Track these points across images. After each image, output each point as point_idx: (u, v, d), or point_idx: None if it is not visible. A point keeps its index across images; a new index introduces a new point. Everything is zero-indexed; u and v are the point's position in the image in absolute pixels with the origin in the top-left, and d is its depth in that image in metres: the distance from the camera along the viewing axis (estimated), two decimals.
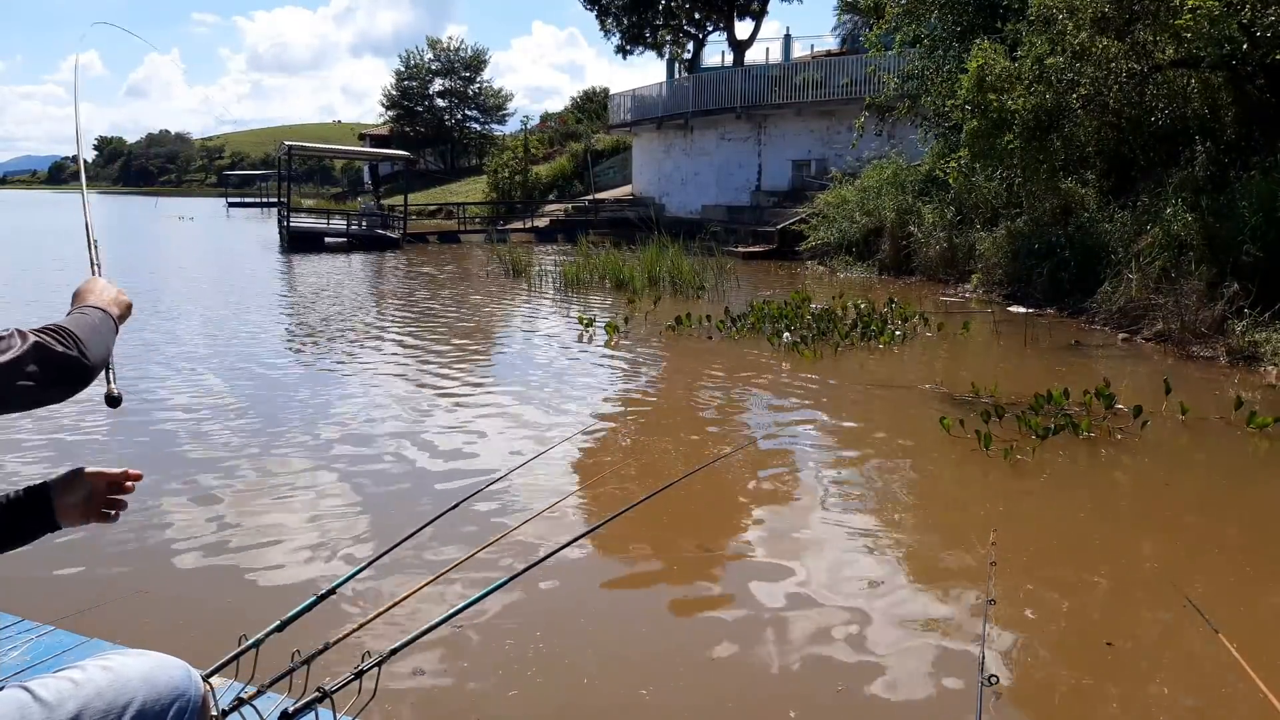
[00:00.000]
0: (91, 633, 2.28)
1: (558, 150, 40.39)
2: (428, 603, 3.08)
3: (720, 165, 25.26)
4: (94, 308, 1.40)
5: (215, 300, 12.88)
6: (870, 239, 16.13)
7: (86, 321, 1.34)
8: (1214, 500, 4.80)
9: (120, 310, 1.45)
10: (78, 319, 1.34)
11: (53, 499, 1.42)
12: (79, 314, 1.37)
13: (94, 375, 1.31)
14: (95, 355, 1.30)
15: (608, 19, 32.96)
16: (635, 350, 8.77)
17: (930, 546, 4.10)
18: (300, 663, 1.73)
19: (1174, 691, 2.88)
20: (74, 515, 1.44)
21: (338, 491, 4.58)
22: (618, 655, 3.08)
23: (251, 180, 75.78)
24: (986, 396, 6.31)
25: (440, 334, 9.94)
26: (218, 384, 7.15)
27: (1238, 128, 10.42)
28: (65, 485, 1.43)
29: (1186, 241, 9.08)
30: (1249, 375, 7.36)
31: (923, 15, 14.88)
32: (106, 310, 1.41)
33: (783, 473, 5.08)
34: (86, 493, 1.45)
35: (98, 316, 1.38)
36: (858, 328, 9.07)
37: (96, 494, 1.46)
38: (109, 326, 1.39)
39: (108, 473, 1.47)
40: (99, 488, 1.46)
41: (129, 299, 1.51)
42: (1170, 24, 9.33)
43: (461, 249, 24.47)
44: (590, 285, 14.08)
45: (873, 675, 2.88)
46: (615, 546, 3.88)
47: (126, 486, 1.49)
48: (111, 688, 1.21)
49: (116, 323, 1.43)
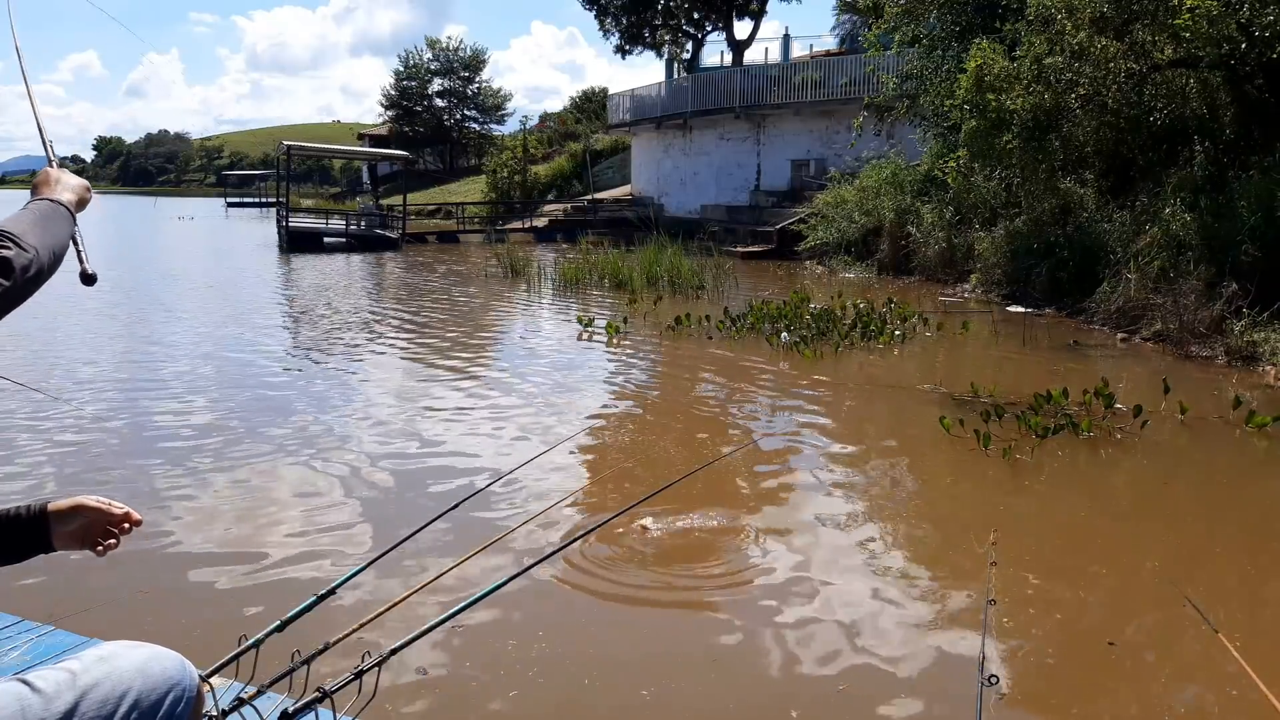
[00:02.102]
0: (91, 633, 2.28)
1: (557, 150, 40.40)
2: (428, 603, 3.08)
3: (719, 165, 25.26)
4: (42, 199, 1.43)
5: (214, 299, 12.87)
6: (869, 239, 16.13)
7: (27, 216, 1.36)
8: (1213, 500, 4.80)
9: (74, 195, 1.49)
10: (18, 216, 1.36)
11: (50, 524, 1.42)
12: (21, 211, 1.39)
13: (45, 266, 1.32)
14: (43, 246, 1.31)
15: (607, 19, 32.97)
16: (635, 350, 8.77)
17: (930, 546, 4.09)
18: (300, 663, 1.73)
19: (1173, 691, 2.88)
20: (68, 541, 1.44)
21: (338, 491, 4.58)
22: (618, 655, 3.08)
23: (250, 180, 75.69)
24: (986, 396, 6.31)
25: (439, 334, 9.94)
26: (216, 383, 7.14)
27: (1236, 127, 10.43)
28: (64, 514, 1.43)
29: (1185, 241, 9.08)
30: (1248, 375, 7.37)
31: (921, 15, 14.88)
32: (55, 200, 1.44)
33: (782, 473, 5.08)
34: (85, 523, 1.45)
35: (44, 207, 1.41)
36: (857, 328, 9.07)
37: (94, 526, 1.46)
38: (59, 214, 1.42)
39: (109, 512, 1.46)
40: (97, 521, 1.46)
41: (83, 181, 1.55)
42: (1169, 24, 9.34)
43: (460, 249, 24.46)
44: (589, 285, 14.08)
45: (873, 675, 2.88)
46: (615, 546, 3.88)
47: (123, 528, 1.48)
48: (108, 679, 1.22)
49: (70, 209, 1.46)
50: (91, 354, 8.47)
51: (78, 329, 9.79)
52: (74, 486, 4.50)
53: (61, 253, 1.39)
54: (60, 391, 6.67)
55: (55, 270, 1.36)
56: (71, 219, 1.46)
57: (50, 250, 1.34)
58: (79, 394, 6.66)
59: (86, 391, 6.77)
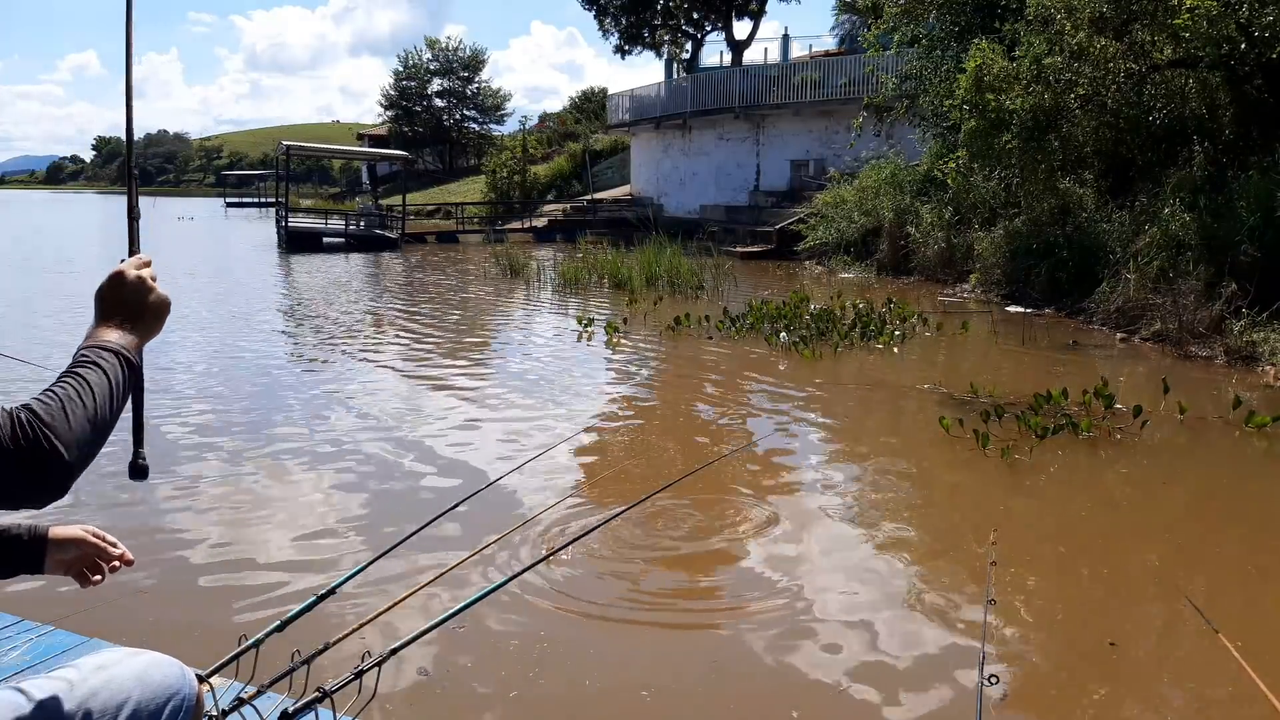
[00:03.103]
0: (91, 633, 2.27)
1: (556, 150, 40.39)
2: (428, 603, 3.08)
3: (718, 165, 25.26)
4: (106, 347, 1.15)
5: (213, 299, 12.86)
6: (868, 239, 16.13)
7: (77, 388, 1.07)
8: (1213, 500, 4.80)
9: (149, 329, 1.23)
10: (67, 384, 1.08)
11: (47, 550, 1.43)
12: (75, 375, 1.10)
13: (75, 461, 1.03)
14: (78, 432, 1.03)
15: (606, 19, 32.97)
16: (635, 350, 8.77)
17: (930, 546, 4.09)
18: (300, 663, 1.73)
19: (1173, 691, 2.89)
20: (58, 568, 1.46)
21: (338, 491, 4.58)
22: (619, 656, 3.08)
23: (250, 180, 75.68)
24: (985, 396, 6.31)
25: (439, 334, 9.94)
26: (216, 384, 7.14)
27: (1236, 127, 10.44)
28: (63, 543, 1.45)
29: (1184, 241, 9.08)
30: (1247, 375, 7.37)
31: (921, 15, 14.88)
32: (119, 350, 1.15)
33: (782, 473, 5.08)
34: (80, 554, 1.46)
35: (108, 372, 1.12)
36: (856, 328, 9.07)
37: (86, 559, 1.47)
38: (121, 380, 1.13)
39: (106, 549, 1.48)
40: (90, 554, 1.47)
41: (165, 296, 1.26)
42: (1168, 24, 9.34)
43: (460, 249, 24.45)
44: (589, 285, 14.08)
45: (874, 675, 2.88)
46: (615, 546, 3.88)
47: (113, 565, 1.49)
48: (106, 688, 1.21)
49: (134, 358, 1.17)
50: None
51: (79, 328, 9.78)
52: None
53: (106, 435, 1.09)
54: None
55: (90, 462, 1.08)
56: (135, 377, 1.18)
57: (93, 444, 1.06)
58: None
59: None
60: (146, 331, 1.23)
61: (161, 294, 1.26)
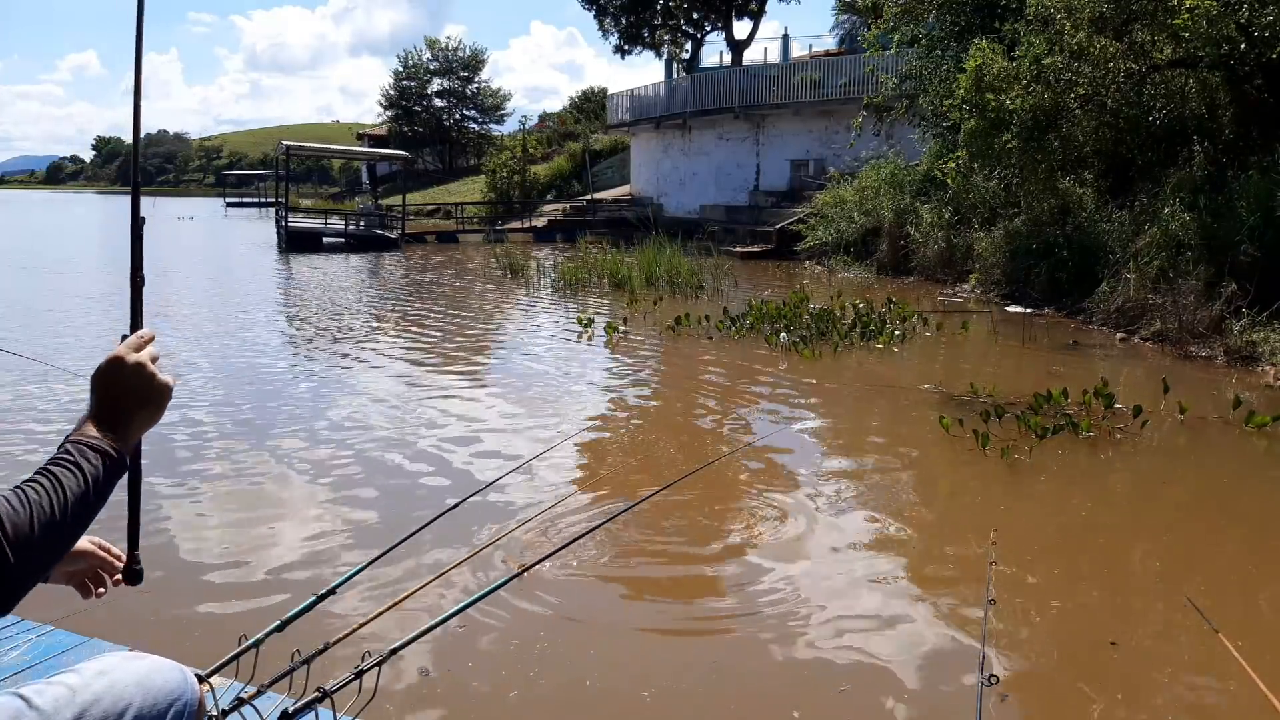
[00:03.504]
0: (91, 633, 2.27)
1: (556, 150, 40.40)
2: (428, 602, 3.08)
3: (718, 165, 25.26)
4: (87, 445, 1.07)
5: (213, 300, 12.86)
6: (868, 239, 16.13)
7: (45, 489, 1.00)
8: (1213, 499, 4.80)
9: (146, 420, 1.16)
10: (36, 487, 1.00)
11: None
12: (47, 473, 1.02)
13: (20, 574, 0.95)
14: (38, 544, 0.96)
15: (606, 19, 32.96)
16: (635, 350, 8.77)
17: (930, 546, 4.09)
18: (300, 663, 1.73)
19: (1173, 691, 2.88)
20: (63, 578, 1.47)
21: (337, 491, 4.58)
22: (619, 656, 3.08)
23: (249, 180, 75.68)
24: (985, 396, 6.31)
25: (439, 334, 9.94)
26: (216, 384, 7.14)
27: (1235, 127, 10.44)
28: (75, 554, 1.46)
29: (1184, 241, 9.09)
30: (1247, 375, 7.37)
31: (920, 15, 14.88)
32: (106, 450, 1.08)
33: (782, 473, 5.08)
34: (86, 566, 1.48)
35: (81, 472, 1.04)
36: (856, 328, 9.07)
37: (90, 571, 1.49)
38: (96, 477, 1.05)
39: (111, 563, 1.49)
40: (95, 567, 1.49)
41: (169, 380, 1.19)
42: (1168, 24, 9.34)
43: (459, 249, 24.45)
44: (589, 285, 14.08)
45: (874, 675, 2.88)
46: (615, 546, 3.88)
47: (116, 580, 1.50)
48: (108, 694, 1.20)
49: (123, 454, 1.11)
50: (90, 353, 8.46)
51: (76, 325, 9.79)
52: None
53: (68, 544, 1.03)
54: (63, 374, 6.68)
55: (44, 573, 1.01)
56: (127, 472, 1.12)
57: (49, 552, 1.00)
58: (76, 394, 6.66)
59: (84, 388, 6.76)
60: (145, 422, 1.17)
61: (163, 380, 1.19)
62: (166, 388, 1.18)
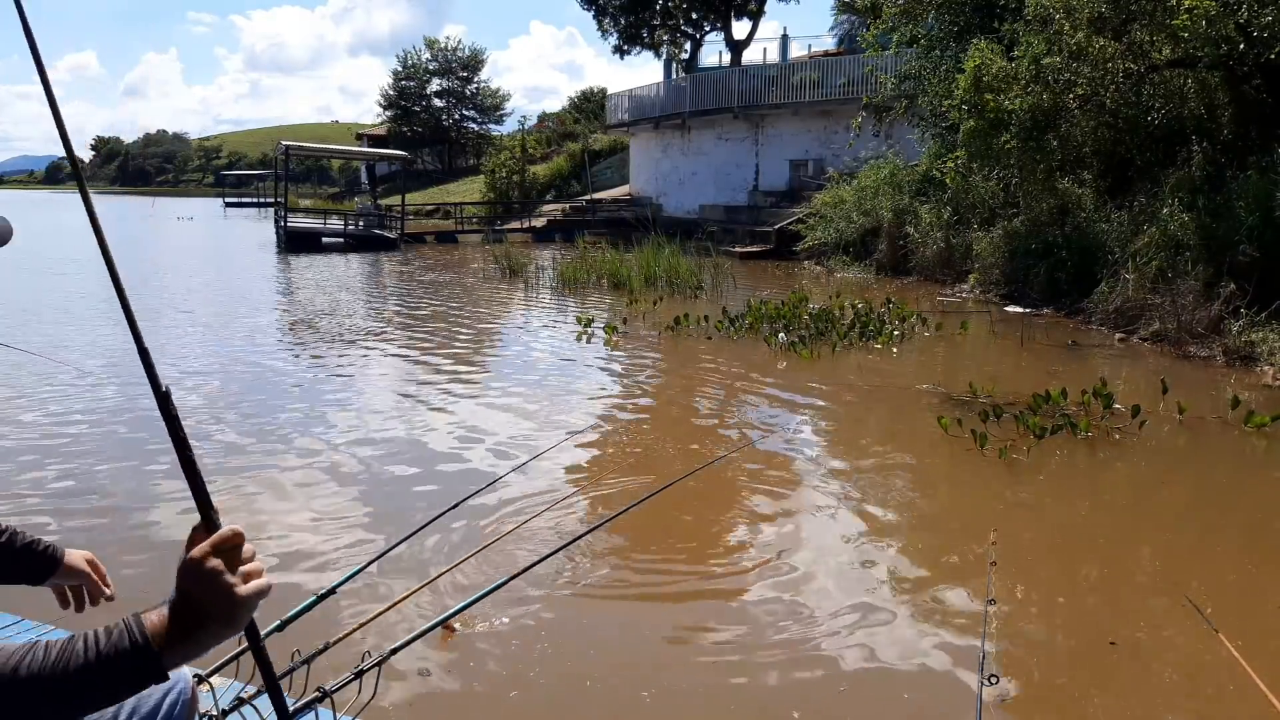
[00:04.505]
0: None
1: (555, 150, 40.38)
2: (428, 602, 3.08)
3: (718, 165, 25.26)
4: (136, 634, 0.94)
5: (213, 300, 12.86)
6: (867, 239, 16.13)
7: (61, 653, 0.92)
8: (1212, 499, 4.81)
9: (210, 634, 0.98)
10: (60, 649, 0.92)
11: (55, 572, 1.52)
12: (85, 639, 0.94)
13: None
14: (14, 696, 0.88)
15: (605, 19, 32.95)
16: (634, 350, 8.77)
17: (930, 546, 4.10)
18: (300, 663, 1.73)
19: (1173, 691, 2.89)
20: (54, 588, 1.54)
21: (337, 492, 4.58)
22: (619, 656, 3.08)
23: (249, 180, 75.59)
24: (984, 396, 6.32)
25: (438, 334, 9.93)
26: (215, 384, 7.14)
27: (1234, 127, 10.44)
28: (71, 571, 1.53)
29: (1183, 241, 9.09)
30: (1245, 375, 7.37)
31: (920, 15, 14.89)
32: (147, 650, 0.93)
33: (781, 473, 5.08)
34: (78, 583, 1.55)
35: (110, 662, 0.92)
36: (855, 328, 9.07)
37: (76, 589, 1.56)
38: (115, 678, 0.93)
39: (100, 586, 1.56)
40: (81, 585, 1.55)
41: (244, 593, 1.01)
42: (1167, 24, 9.35)
43: (459, 249, 24.45)
44: (588, 285, 14.08)
45: (874, 676, 2.89)
46: (615, 547, 3.88)
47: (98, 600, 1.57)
48: None
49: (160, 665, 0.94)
50: (89, 353, 8.46)
51: (75, 324, 9.79)
52: (72, 486, 4.49)
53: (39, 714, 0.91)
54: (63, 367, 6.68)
55: None
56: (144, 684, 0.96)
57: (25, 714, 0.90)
58: (74, 394, 6.66)
59: (84, 389, 6.76)
60: (214, 637, 0.98)
61: (241, 593, 1.00)
62: (242, 600, 1.00)
